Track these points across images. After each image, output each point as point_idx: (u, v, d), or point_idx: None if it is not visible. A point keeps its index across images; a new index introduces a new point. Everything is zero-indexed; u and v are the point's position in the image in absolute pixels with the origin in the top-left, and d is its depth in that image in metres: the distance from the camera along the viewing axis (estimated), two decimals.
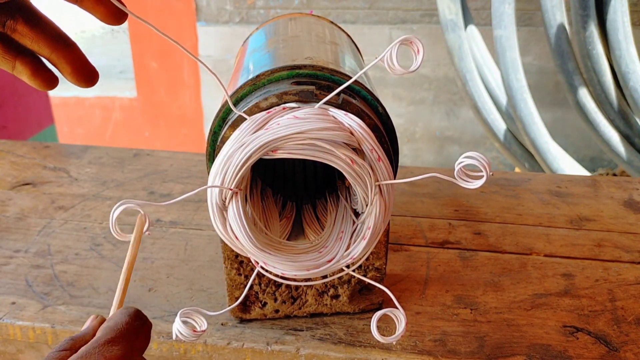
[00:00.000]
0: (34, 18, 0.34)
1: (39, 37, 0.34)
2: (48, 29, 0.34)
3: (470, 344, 0.50)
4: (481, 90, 2.00)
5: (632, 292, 0.57)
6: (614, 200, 0.76)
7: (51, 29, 0.34)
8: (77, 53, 0.35)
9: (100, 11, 0.34)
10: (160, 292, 0.58)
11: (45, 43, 0.34)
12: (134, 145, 2.74)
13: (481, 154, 0.35)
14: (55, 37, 0.34)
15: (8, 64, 0.35)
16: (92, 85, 0.36)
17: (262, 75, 0.45)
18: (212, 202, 0.41)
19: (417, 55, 0.36)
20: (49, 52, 0.34)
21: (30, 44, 0.34)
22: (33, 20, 0.34)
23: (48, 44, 0.34)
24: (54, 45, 0.34)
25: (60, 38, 0.35)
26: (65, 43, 0.35)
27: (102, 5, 0.34)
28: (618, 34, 1.70)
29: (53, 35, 0.34)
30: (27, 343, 0.55)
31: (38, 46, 0.34)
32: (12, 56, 0.34)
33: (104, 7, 0.34)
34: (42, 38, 0.34)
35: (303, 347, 0.50)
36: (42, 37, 0.34)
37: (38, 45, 0.34)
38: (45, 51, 0.34)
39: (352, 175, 0.40)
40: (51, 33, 0.34)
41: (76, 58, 0.35)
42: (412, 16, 2.45)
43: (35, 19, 0.34)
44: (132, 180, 0.81)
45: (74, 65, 0.35)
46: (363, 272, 0.52)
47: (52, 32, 0.34)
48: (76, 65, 0.35)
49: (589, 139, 2.07)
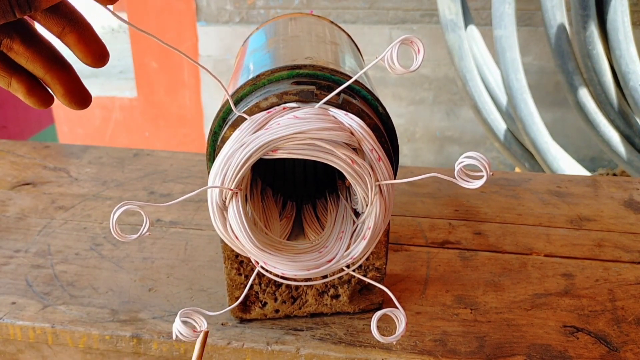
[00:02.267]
0: (30, 38, 0.34)
1: (34, 57, 0.34)
2: (44, 49, 0.34)
3: (470, 344, 0.50)
4: (481, 90, 2.00)
5: (632, 292, 0.57)
6: (614, 200, 0.76)
7: (47, 50, 0.34)
8: (71, 75, 0.35)
9: (81, 49, 0.34)
10: (160, 292, 0.58)
11: (40, 63, 0.34)
12: (134, 145, 2.74)
13: (481, 154, 0.35)
14: (50, 58, 0.34)
15: (4, 81, 0.35)
16: (83, 108, 0.36)
17: (262, 75, 0.45)
18: (212, 202, 0.41)
19: (418, 55, 0.36)
20: (44, 72, 0.34)
21: (26, 63, 0.34)
22: (30, 40, 0.34)
23: (43, 64, 0.34)
24: (49, 66, 0.34)
25: (56, 59, 0.35)
26: (60, 64, 0.35)
27: (83, 44, 0.34)
28: (618, 33, 1.70)
29: (49, 56, 0.34)
30: (27, 343, 0.55)
31: (33, 66, 0.34)
32: (8, 74, 0.35)
33: (85, 46, 0.34)
34: (37, 58, 0.34)
35: (303, 347, 0.50)
36: (37, 57, 0.34)
37: (33, 65, 0.34)
38: (40, 71, 0.34)
39: (352, 175, 0.40)
40: (47, 54, 0.34)
41: (70, 80, 0.35)
42: (412, 16, 2.45)
43: (32, 39, 0.34)
44: (132, 180, 0.81)
45: (67, 87, 0.35)
46: (363, 272, 0.52)
47: (48, 52, 0.34)
48: (69, 87, 0.35)
49: (589, 139, 2.07)
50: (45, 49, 0.34)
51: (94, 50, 0.34)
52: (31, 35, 0.34)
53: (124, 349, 0.53)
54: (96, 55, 0.35)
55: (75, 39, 0.34)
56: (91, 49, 0.34)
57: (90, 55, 0.34)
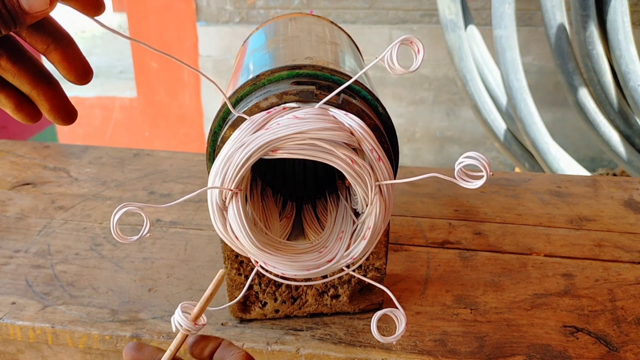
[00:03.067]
0: (17, 54, 0.34)
1: (21, 74, 0.34)
2: (30, 66, 0.34)
3: (470, 344, 0.50)
4: (481, 90, 2.00)
5: (632, 292, 0.57)
6: (614, 200, 0.76)
7: (33, 66, 0.35)
8: (57, 91, 0.35)
9: (65, 67, 0.34)
10: (160, 292, 0.58)
11: (26, 79, 0.34)
12: (134, 145, 2.74)
13: (481, 154, 0.35)
14: (37, 75, 0.35)
15: None
16: (69, 123, 0.36)
17: (262, 75, 0.45)
18: (212, 202, 0.41)
19: (418, 55, 0.36)
20: (30, 88, 0.35)
21: (12, 79, 0.34)
22: (16, 56, 0.34)
23: (29, 80, 0.34)
24: (35, 82, 0.35)
25: (42, 75, 0.35)
26: (46, 81, 0.35)
27: (67, 61, 0.34)
28: (618, 33, 1.70)
29: (35, 73, 0.35)
30: (27, 343, 0.55)
31: (19, 82, 0.34)
32: None
33: (69, 64, 0.34)
34: (24, 75, 0.34)
35: (303, 347, 0.50)
36: (24, 74, 0.34)
37: (20, 81, 0.34)
38: (26, 87, 0.35)
39: (352, 175, 0.40)
40: (33, 70, 0.35)
41: (56, 96, 0.35)
42: (412, 16, 2.45)
43: (18, 55, 0.34)
44: (132, 180, 0.81)
45: (52, 104, 0.35)
46: (363, 272, 0.52)
47: (34, 69, 0.35)
48: (55, 103, 0.35)
49: (589, 139, 2.07)
50: (31, 66, 0.35)
51: (77, 67, 0.35)
52: (18, 52, 0.34)
53: (123, 349, 0.53)
54: (79, 73, 0.35)
55: (59, 56, 0.34)
56: (74, 66, 0.35)
57: (73, 72, 0.35)
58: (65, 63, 0.34)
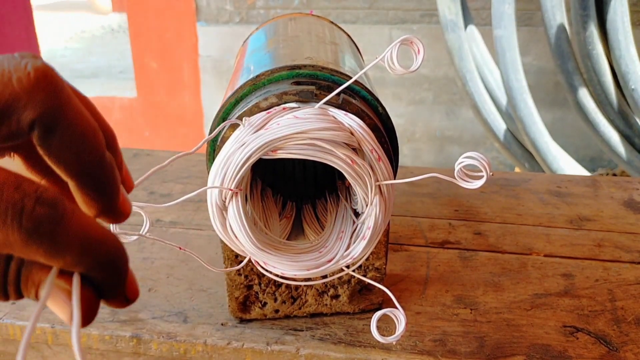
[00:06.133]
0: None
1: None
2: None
3: (470, 344, 0.50)
4: (481, 90, 2.00)
5: (632, 292, 0.57)
6: (614, 200, 0.76)
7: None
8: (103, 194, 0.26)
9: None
10: (160, 292, 0.58)
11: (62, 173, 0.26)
12: (133, 145, 2.74)
13: (481, 154, 0.35)
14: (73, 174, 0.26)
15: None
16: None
17: (262, 75, 0.45)
18: (212, 202, 0.41)
19: (418, 55, 0.36)
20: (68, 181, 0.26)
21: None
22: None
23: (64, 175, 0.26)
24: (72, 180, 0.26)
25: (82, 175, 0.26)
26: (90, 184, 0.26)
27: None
28: (618, 34, 1.70)
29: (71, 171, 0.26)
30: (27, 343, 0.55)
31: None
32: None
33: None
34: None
35: (303, 347, 0.50)
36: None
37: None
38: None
39: (352, 175, 0.40)
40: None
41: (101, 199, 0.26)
42: (412, 16, 2.45)
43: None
44: None
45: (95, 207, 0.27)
46: (363, 272, 0.52)
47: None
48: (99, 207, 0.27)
49: (589, 139, 2.07)
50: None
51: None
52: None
53: (123, 349, 0.53)
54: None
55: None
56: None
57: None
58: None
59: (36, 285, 0.24)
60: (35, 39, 1.52)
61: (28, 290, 0.24)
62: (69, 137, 0.23)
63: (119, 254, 0.24)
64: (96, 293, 0.25)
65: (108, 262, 0.24)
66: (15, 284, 0.24)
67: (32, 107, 0.22)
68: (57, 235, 0.22)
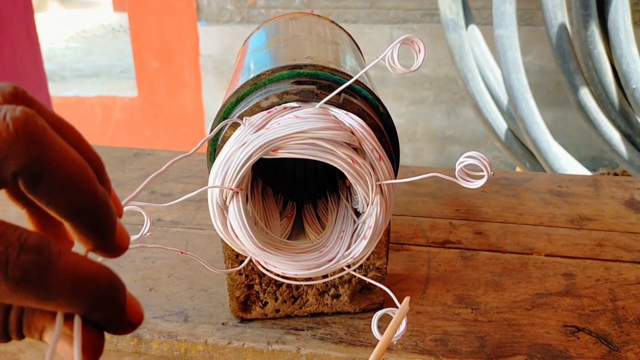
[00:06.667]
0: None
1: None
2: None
3: (471, 344, 0.50)
4: (482, 89, 2.00)
5: (633, 292, 0.57)
6: (615, 199, 0.76)
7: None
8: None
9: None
10: (160, 291, 0.58)
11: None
12: (134, 144, 2.74)
13: (482, 153, 0.35)
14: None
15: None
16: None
17: (263, 74, 0.44)
18: (213, 202, 0.41)
19: (419, 54, 0.36)
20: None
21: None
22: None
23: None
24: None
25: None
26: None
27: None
28: (619, 33, 1.70)
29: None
30: (27, 343, 0.55)
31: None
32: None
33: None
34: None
35: (304, 347, 0.50)
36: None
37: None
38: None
39: (353, 174, 0.40)
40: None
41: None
42: (413, 15, 2.45)
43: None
44: (133, 180, 0.81)
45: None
46: (364, 272, 0.52)
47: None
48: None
49: (590, 138, 2.07)
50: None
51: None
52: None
53: (124, 349, 0.53)
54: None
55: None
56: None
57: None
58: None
59: (39, 331, 0.24)
60: (36, 38, 1.53)
61: (31, 334, 0.24)
62: (57, 183, 0.23)
63: (113, 286, 0.24)
64: (99, 330, 0.24)
65: (103, 297, 0.23)
66: (17, 330, 0.24)
67: (14, 159, 0.22)
68: (46, 280, 0.21)
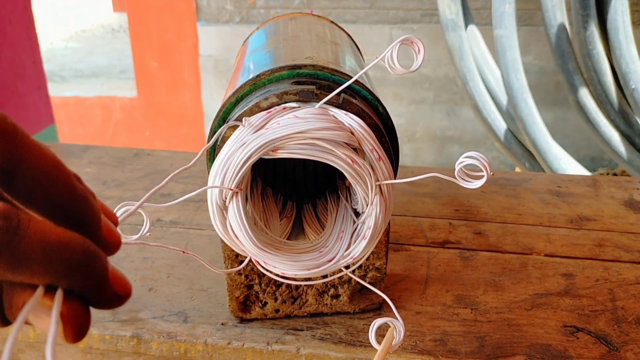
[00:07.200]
0: None
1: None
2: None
3: (471, 344, 0.50)
4: (482, 90, 2.00)
5: (632, 292, 0.57)
6: (615, 200, 0.76)
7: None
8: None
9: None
10: (160, 291, 0.58)
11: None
12: (134, 144, 2.74)
13: (482, 153, 0.35)
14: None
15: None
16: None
17: (263, 75, 0.45)
18: (212, 202, 0.41)
19: (418, 55, 0.36)
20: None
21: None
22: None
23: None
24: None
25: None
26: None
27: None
28: (618, 33, 1.70)
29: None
30: (27, 343, 0.55)
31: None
32: None
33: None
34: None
35: (303, 347, 0.50)
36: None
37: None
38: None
39: (353, 175, 0.40)
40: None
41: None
42: (413, 16, 2.45)
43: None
44: (133, 180, 0.81)
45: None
46: (363, 272, 0.52)
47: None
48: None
49: (590, 138, 2.07)
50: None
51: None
52: None
53: (124, 349, 0.53)
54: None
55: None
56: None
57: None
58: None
59: (20, 309, 0.23)
60: (36, 38, 1.53)
61: (13, 315, 0.24)
62: (31, 178, 0.22)
63: (90, 254, 0.23)
64: (84, 303, 0.23)
65: (79, 264, 0.22)
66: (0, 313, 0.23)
67: None
68: (16, 245, 0.21)
